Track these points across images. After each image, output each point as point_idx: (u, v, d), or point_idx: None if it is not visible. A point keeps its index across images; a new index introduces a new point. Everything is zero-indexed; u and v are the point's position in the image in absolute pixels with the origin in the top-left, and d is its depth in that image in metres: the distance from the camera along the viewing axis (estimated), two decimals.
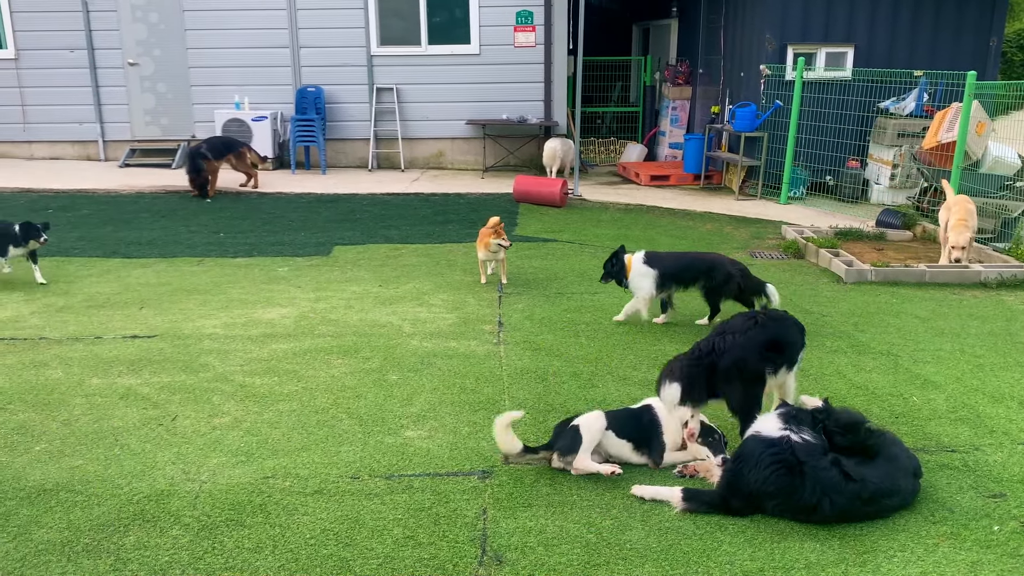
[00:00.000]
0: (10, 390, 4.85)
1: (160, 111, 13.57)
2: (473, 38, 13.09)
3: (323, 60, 13.20)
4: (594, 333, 6.06)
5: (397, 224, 9.89)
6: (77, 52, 13.29)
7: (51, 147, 13.79)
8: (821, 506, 3.54)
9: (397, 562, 3.24)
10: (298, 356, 5.54)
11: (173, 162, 13.19)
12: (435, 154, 13.71)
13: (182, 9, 13.08)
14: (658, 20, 15.96)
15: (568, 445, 3.93)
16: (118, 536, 3.38)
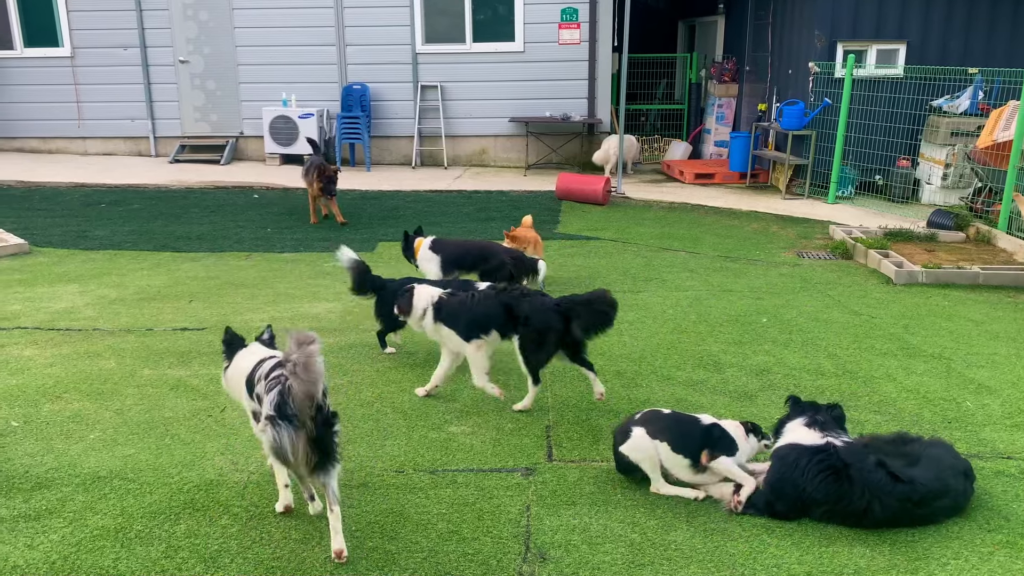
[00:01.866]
0: (66, 379, 4.98)
1: (209, 108, 13.81)
2: (517, 35, 13.09)
3: (369, 58, 13.30)
4: (637, 332, 6.03)
5: (440, 221, 9.93)
6: (130, 50, 13.58)
7: (104, 143, 14.11)
8: (871, 510, 3.48)
9: (441, 556, 3.25)
10: (344, 350, 5.60)
11: (221, 158, 13.42)
12: (478, 151, 13.74)
13: (231, 7, 13.28)
14: (704, 17, 15.80)
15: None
16: (169, 524, 3.45)
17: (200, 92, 13.74)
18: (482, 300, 4.64)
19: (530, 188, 11.82)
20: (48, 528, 3.40)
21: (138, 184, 11.71)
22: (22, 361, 5.28)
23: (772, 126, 11.93)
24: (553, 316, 4.47)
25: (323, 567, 3.17)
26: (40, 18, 13.65)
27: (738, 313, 6.52)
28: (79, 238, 8.77)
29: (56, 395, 4.75)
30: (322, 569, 3.16)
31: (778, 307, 6.72)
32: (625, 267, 7.88)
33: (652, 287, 7.23)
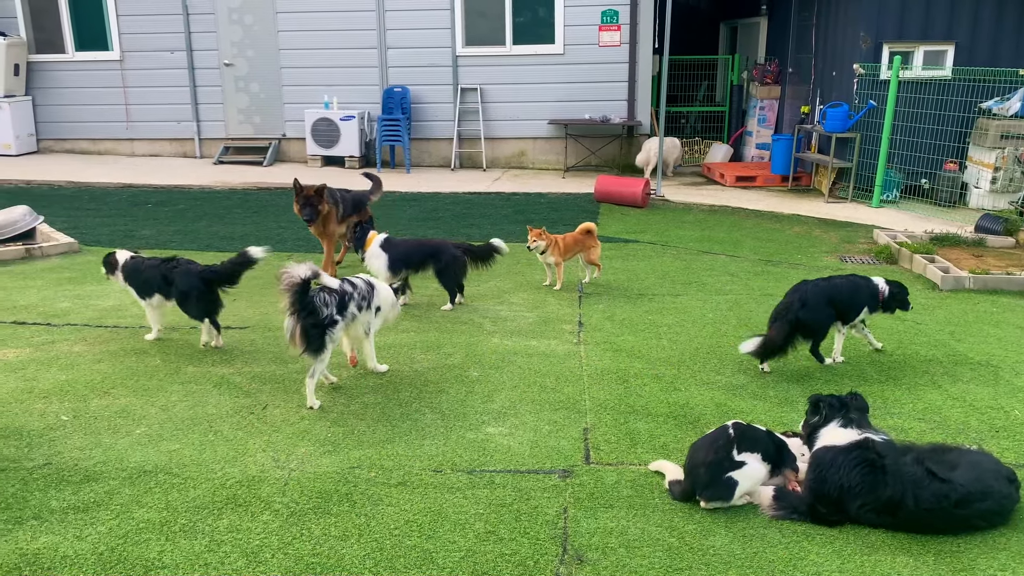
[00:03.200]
0: (113, 375, 5.10)
1: (253, 110, 14.03)
2: (557, 38, 13.09)
3: (409, 60, 13.41)
4: (676, 336, 5.99)
5: (478, 223, 9.97)
6: (177, 53, 13.86)
7: (151, 144, 14.42)
8: (904, 501, 3.45)
9: (479, 556, 3.27)
10: (382, 350, 5.64)
11: (264, 159, 13.63)
12: (517, 154, 13.77)
13: (275, 11, 13.49)
14: (746, 18, 15.64)
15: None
16: (212, 518, 3.51)
17: (244, 95, 13.97)
18: (148, 268, 5.63)
19: (569, 190, 11.80)
20: (96, 520, 3.49)
21: (183, 185, 11.94)
22: (72, 357, 5.42)
23: (815, 128, 11.77)
24: (196, 280, 5.47)
25: (362, 564, 3.21)
26: (91, 23, 14.00)
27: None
28: (126, 237, 8.96)
29: (104, 390, 4.87)
30: (361, 566, 3.19)
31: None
32: (664, 270, 7.84)
33: (692, 290, 7.18)
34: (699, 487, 3.65)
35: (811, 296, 5.28)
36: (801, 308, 5.23)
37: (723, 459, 3.66)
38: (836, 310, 5.36)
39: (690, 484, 3.71)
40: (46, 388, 4.89)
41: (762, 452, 3.78)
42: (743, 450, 3.72)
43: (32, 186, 11.86)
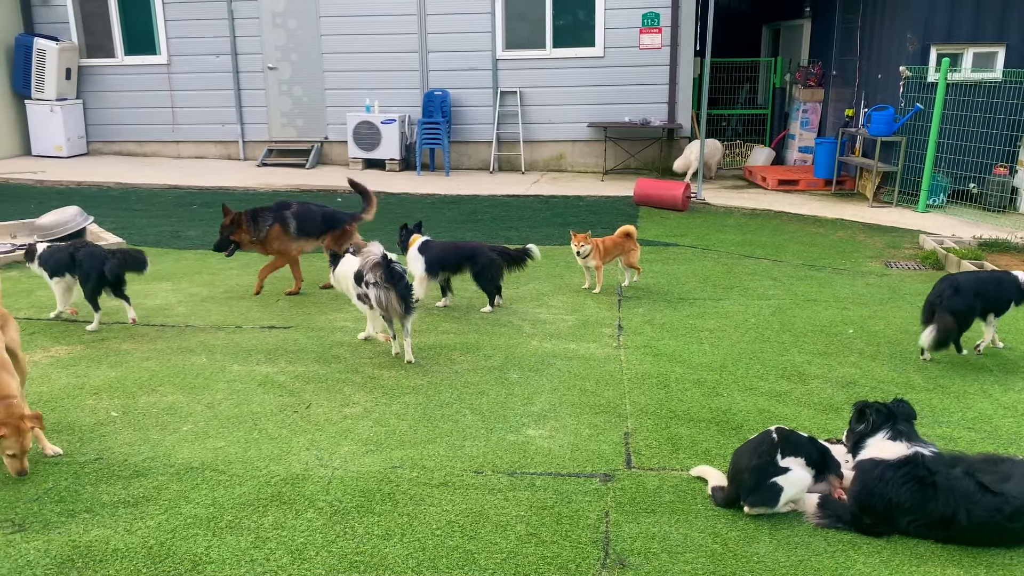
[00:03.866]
0: (161, 373, 5.20)
1: (296, 113, 14.22)
2: (598, 41, 13.07)
3: (450, 64, 13.49)
4: (718, 340, 5.94)
5: (517, 225, 9.99)
6: (222, 57, 14.11)
7: (196, 147, 14.69)
8: (957, 516, 3.37)
9: (521, 558, 3.27)
10: (422, 351, 5.68)
11: (307, 162, 13.80)
12: (555, 156, 13.76)
13: (319, 15, 13.66)
14: (789, 21, 15.47)
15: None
16: (258, 515, 3.56)
17: (287, 98, 14.16)
18: (56, 251, 6.14)
19: (607, 193, 11.77)
20: (145, 515, 3.55)
21: (228, 186, 12.13)
22: (121, 354, 5.54)
23: (860, 132, 11.59)
24: (98, 261, 5.95)
25: (404, 563, 3.23)
26: (140, 27, 14.32)
27: (823, 323, 6.35)
28: (172, 238, 9.14)
29: (152, 388, 4.96)
30: (403, 566, 3.22)
31: (865, 318, 6.53)
32: (705, 274, 7.78)
33: (733, 295, 7.11)
34: (744, 492, 3.62)
35: (963, 285, 5.53)
36: (953, 295, 5.46)
37: (767, 464, 3.63)
38: (982, 302, 5.56)
39: (734, 490, 3.67)
40: (96, 384, 5.00)
41: (805, 457, 3.73)
42: (787, 455, 3.68)
43: (82, 187, 12.15)
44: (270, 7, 13.78)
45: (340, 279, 5.89)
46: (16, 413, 3.76)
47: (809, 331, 6.18)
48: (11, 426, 3.72)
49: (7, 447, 3.74)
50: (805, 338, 6.03)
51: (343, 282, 5.86)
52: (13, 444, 3.74)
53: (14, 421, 3.73)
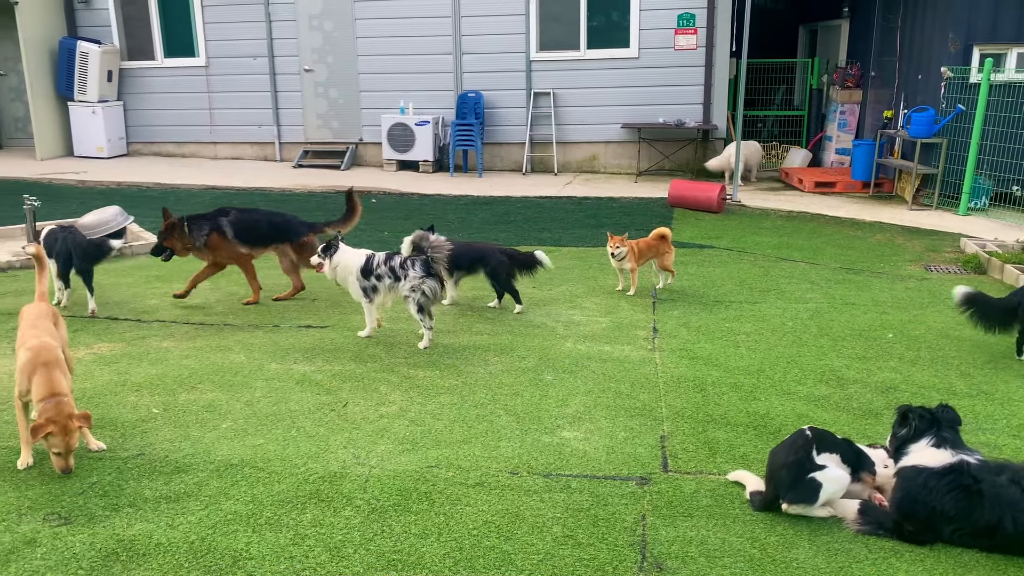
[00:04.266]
0: (200, 371, 5.27)
1: (331, 115, 14.35)
2: (632, 41, 13.02)
3: (483, 66, 13.53)
4: (755, 344, 5.88)
5: (550, 227, 9.98)
6: (259, 59, 14.28)
7: (233, 148, 14.89)
8: (1003, 525, 3.32)
9: (557, 560, 3.27)
10: (457, 351, 5.70)
11: (342, 163, 13.92)
12: (588, 158, 13.74)
13: (354, 18, 13.77)
14: (827, 21, 15.28)
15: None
16: (296, 512, 3.60)
17: (323, 100, 14.30)
18: (46, 236, 6.56)
19: (641, 195, 11.72)
20: (186, 510, 3.61)
21: (264, 187, 12.28)
22: (161, 352, 5.63)
23: (899, 133, 11.42)
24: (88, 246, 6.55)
25: (442, 563, 3.24)
26: (179, 30, 14.55)
27: (862, 327, 6.27)
28: None
29: (191, 385, 5.04)
30: (441, 565, 3.23)
31: (904, 322, 6.43)
32: (741, 277, 7.71)
33: (770, 298, 7.04)
34: (782, 490, 3.58)
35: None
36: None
37: (804, 459, 3.60)
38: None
39: (772, 490, 3.64)
40: (138, 381, 5.08)
41: (841, 454, 3.70)
42: (822, 451, 3.65)
43: (122, 187, 12.37)
44: (307, 9, 13.92)
45: (340, 271, 5.91)
46: (65, 412, 3.82)
47: (847, 335, 6.10)
48: (59, 424, 3.77)
49: (54, 445, 3.81)
50: (843, 342, 5.95)
51: (342, 274, 5.90)
52: (59, 443, 3.80)
53: (63, 420, 3.79)
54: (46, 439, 3.79)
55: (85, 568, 3.19)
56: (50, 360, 3.96)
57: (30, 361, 3.94)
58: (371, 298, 5.85)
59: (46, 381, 3.90)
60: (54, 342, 4.09)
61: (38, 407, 3.86)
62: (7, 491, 3.76)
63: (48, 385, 3.89)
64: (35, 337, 4.06)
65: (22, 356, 4.00)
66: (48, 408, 3.81)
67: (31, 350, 3.97)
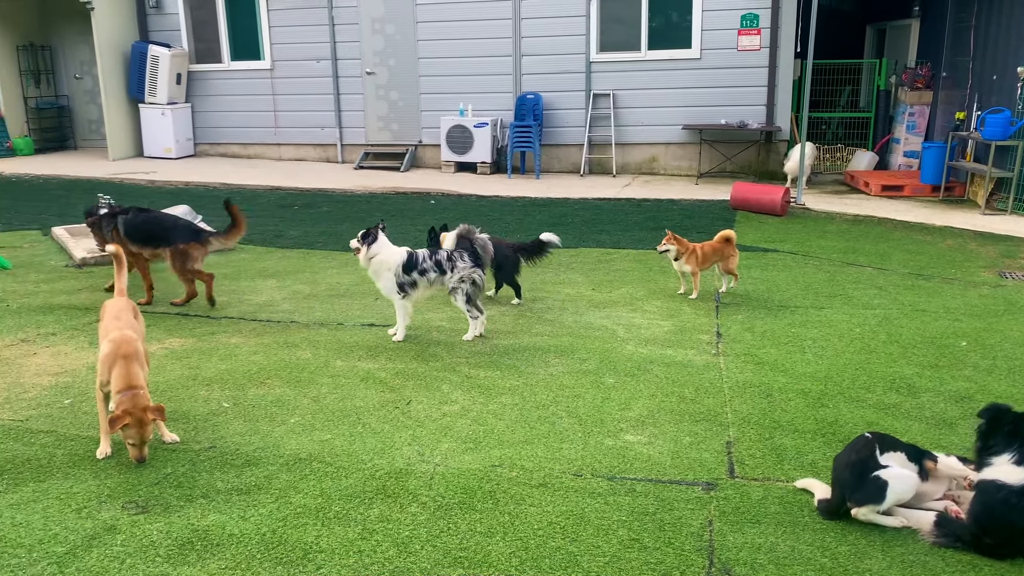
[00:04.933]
0: (268, 367, 5.38)
1: (392, 117, 14.52)
2: (694, 42, 12.89)
3: (543, 68, 13.54)
4: (822, 350, 5.76)
5: (608, 229, 9.94)
6: (322, 62, 14.53)
7: (296, 149, 15.18)
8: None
9: (623, 563, 3.25)
10: (517, 352, 5.71)
11: (401, 165, 14.08)
12: (648, 159, 13.64)
13: (416, 21, 13.92)
14: (896, 20, 14.91)
15: None
16: (364, 507, 3.65)
17: (384, 102, 14.48)
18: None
19: (702, 197, 11.59)
20: (257, 503, 3.69)
21: (326, 188, 12.49)
22: (230, 348, 5.77)
23: (971, 135, 11.07)
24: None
25: (508, 562, 3.25)
26: (245, 34, 14.90)
27: (933, 335, 6.09)
28: (276, 237, 9.47)
29: (260, 381, 5.15)
30: (507, 564, 3.24)
31: (979, 330, 6.23)
32: (806, 281, 7.56)
33: (836, 304, 6.89)
34: (848, 491, 3.52)
35: None
36: None
37: (867, 458, 3.56)
38: None
39: (838, 494, 3.58)
40: (208, 376, 5.22)
41: (905, 452, 3.64)
42: (886, 450, 3.60)
43: (190, 187, 12.72)
44: (369, 13, 14.12)
45: (375, 264, 5.91)
46: (140, 404, 3.94)
47: (918, 342, 5.93)
48: (135, 416, 3.89)
49: (129, 436, 3.94)
50: (914, 350, 5.79)
51: (376, 267, 5.92)
52: (134, 434, 3.92)
53: (138, 412, 3.90)
54: (122, 430, 3.92)
55: (163, 555, 3.28)
56: (129, 353, 4.10)
57: (111, 353, 4.08)
58: (407, 294, 5.90)
59: (125, 374, 4.03)
60: (134, 335, 4.22)
61: (115, 399, 3.99)
62: (87, 479, 3.90)
63: (126, 378, 4.02)
64: (117, 330, 4.20)
65: (104, 347, 4.15)
66: (125, 400, 3.94)
67: (112, 342, 4.11)
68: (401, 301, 5.94)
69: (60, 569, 3.20)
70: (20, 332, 6.06)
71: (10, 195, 12.08)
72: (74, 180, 13.13)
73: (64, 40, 16.69)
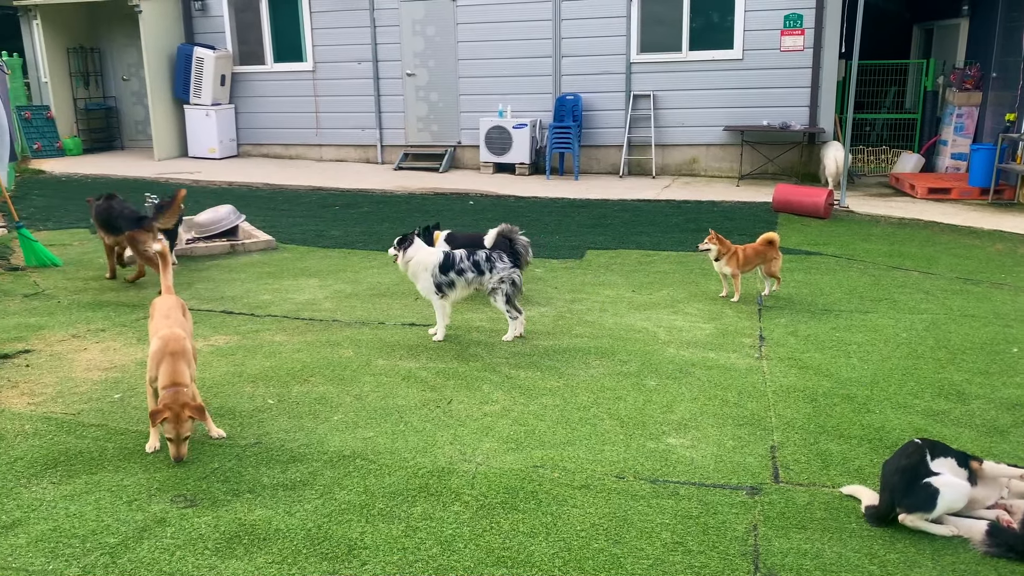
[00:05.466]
0: (311, 365, 5.45)
1: (431, 119, 14.60)
2: (736, 43, 12.76)
3: (583, 68, 13.51)
4: (867, 355, 5.67)
5: (648, 231, 9.88)
6: (364, 64, 14.67)
7: (337, 150, 15.33)
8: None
9: (667, 566, 3.23)
10: (558, 353, 5.71)
11: (440, 166, 14.15)
12: (688, 161, 13.54)
13: (456, 22, 13.98)
14: (944, 20, 14.62)
15: None
16: (407, 505, 3.68)
17: (424, 104, 14.57)
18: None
19: (743, 199, 11.47)
20: (302, 498, 3.73)
21: (366, 189, 12.60)
22: (274, 346, 5.84)
23: (1022, 137, 10.81)
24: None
25: (551, 562, 3.25)
26: (288, 36, 15.10)
27: (983, 341, 5.96)
28: (317, 236, 9.57)
29: (303, 378, 5.21)
30: (550, 564, 3.24)
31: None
32: (851, 285, 7.45)
33: (882, 308, 6.78)
34: (897, 496, 3.46)
35: None
36: None
37: (918, 463, 3.50)
38: None
39: (886, 499, 3.52)
40: (253, 373, 5.29)
41: (956, 458, 3.58)
42: (936, 456, 3.54)
43: (233, 187, 12.92)
44: (410, 15, 14.22)
45: (412, 266, 5.98)
46: (180, 401, 3.97)
47: (968, 348, 5.81)
48: (173, 412, 3.93)
49: (166, 431, 3.98)
50: (963, 355, 5.67)
51: (414, 269, 5.98)
52: (171, 429, 3.95)
53: (176, 408, 3.94)
54: (161, 424, 3.98)
55: (211, 548, 3.34)
56: (176, 350, 4.16)
57: (160, 350, 4.16)
58: (444, 294, 5.93)
59: (171, 370, 4.09)
60: (183, 332, 4.30)
61: (160, 395, 4.06)
62: (137, 472, 3.98)
63: (172, 375, 4.08)
64: (167, 327, 4.27)
65: (153, 344, 4.23)
66: (166, 396, 4.00)
67: (161, 339, 4.19)
68: (439, 301, 5.97)
69: (113, 559, 3.27)
70: (71, 328, 6.21)
71: (60, 194, 12.38)
72: (121, 180, 13.41)
73: (112, 43, 17.06)
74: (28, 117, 15.89)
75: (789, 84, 12.59)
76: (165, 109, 15.46)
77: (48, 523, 3.53)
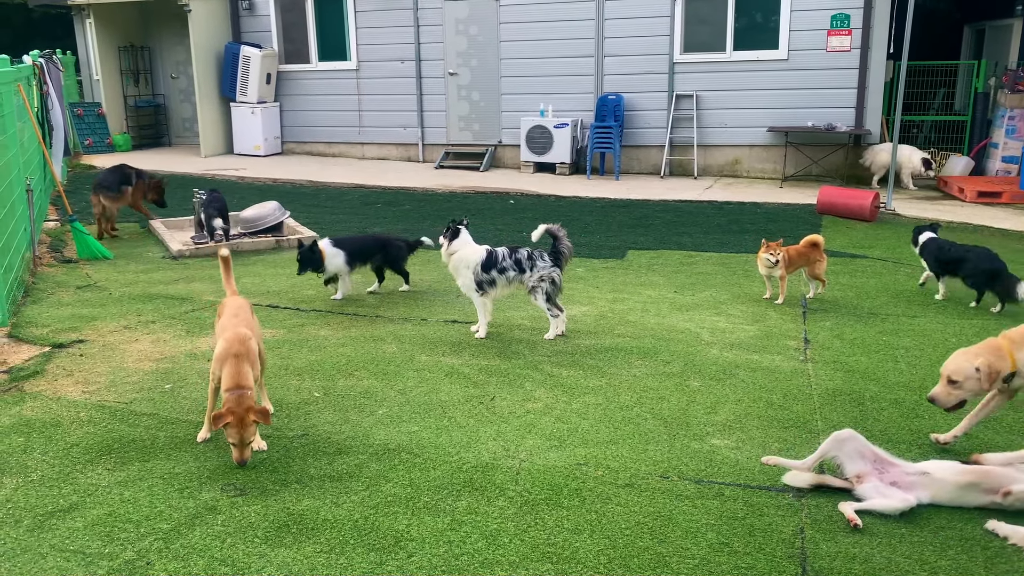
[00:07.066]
0: (356, 359, 5.51)
1: (473, 118, 14.66)
2: (781, 43, 12.63)
3: (625, 68, 13.47)
4: (915, 360, 5.58)
5: (690, 231, 9.83)
6: (407, 63, 14.78)
7: (379, 148, 15.47)
8: None
9: (713, 566, 3.22)
10: (600, 353, 5.71)
11: (481, 165, 14.20)
12: (730, 162, 13.42)
13: (499, 22, 14.02)
14: (996, 20, 14.30)
15: None
16: (452, 499, 3.71)
17: (465, 103, 14.64)
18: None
19: (787, 200, 11.35)
20: (349, 490, 3.78)
21: (408, 187, 12.70)
22: (319, 340, 5.92)
23: None
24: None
25: (596, 559, 3.26)
26: (333, 35, 15.27)
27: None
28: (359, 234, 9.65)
29: (348, 372, 5.28)
30: (595, 561, 3.25)
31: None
32: (897, 289, 7.33)
33: (930, 312, 6.67)
34: None
35: None
36: None
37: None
38: None
39: None
40: (299, 366, 5.37)
41: None
42: None
43: (277, 184, 13.10)
44: (453, 14, 14.30)
45: (454, 261, 6.07)
46: (244, 405, 3.89)
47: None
48: (236, 415, 3.85)
49: (230, 436, 3.89)
50: None
51: (455, 264, 6.06)
52: (234, 433, 3.86)
53: (240, 412, 3.85)
54: (224, 428, 3.90)
55: (260, 536, 3.40)
56: (241, 352, 4.07)
57: (225, 351, 4.09)
58: (485, 291, 5.96)
59: (234, 373, 4.01)
60: (249, 333, 4.24)
61: (224, 396, 3.98)
62: (188, 461, 4.07)
63: (235, 377, 3.99)
64: (233, 328, 4.23)
65: (219, 346, 4.17)
66: (230, 399, 3.91)
67: (226, 340, 4.13)
68: (480, 299, 6.00)
69: (166, 544, 3.35)
70: (122, 319, 6.36)
71: None
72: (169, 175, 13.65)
73: (162, 41, 17.41)
74: (80, 114, 16.27)
75: (835, 85, 12.42)
76: (212, 107, 15.73)
77: (103, 508, 3.63)
